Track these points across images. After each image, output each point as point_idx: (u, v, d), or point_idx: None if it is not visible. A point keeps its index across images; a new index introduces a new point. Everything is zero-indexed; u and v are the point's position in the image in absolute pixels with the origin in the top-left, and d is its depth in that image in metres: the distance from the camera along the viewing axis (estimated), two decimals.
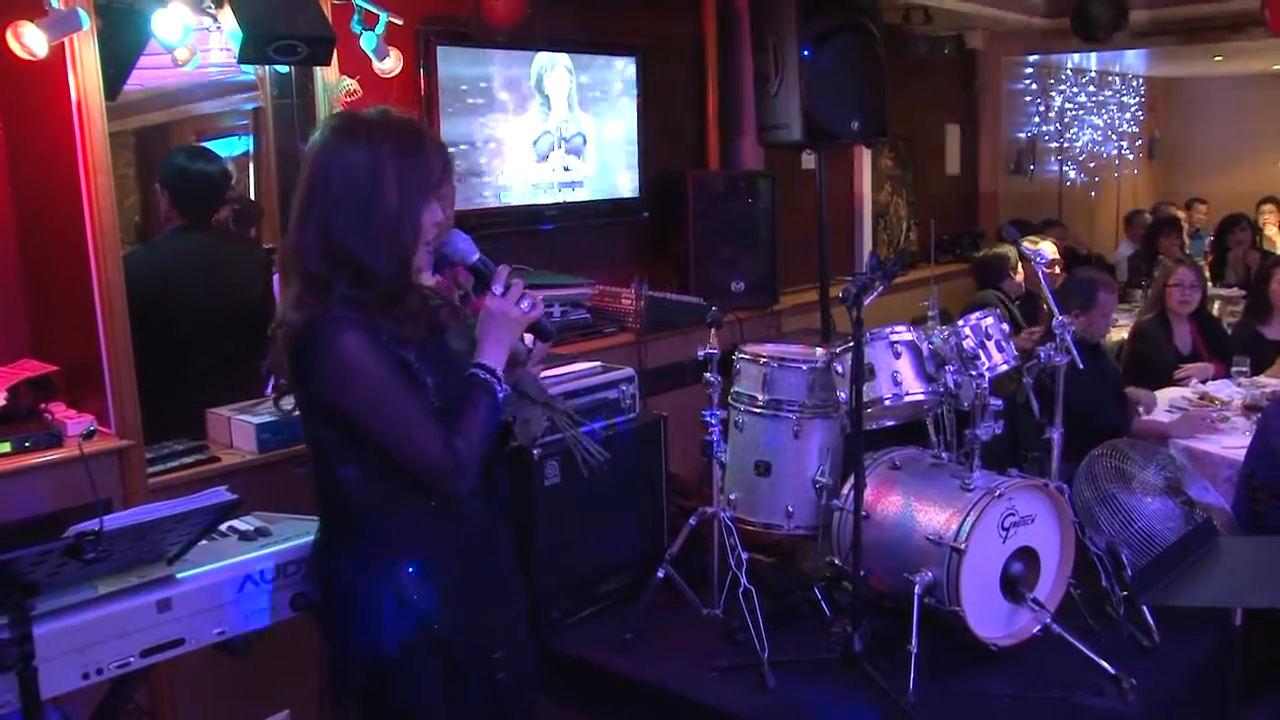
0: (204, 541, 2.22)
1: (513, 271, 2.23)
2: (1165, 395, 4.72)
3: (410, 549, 2.15)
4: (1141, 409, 4.59)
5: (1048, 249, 5.67)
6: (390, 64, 3.60)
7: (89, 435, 2.89)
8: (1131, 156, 11.19)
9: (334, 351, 2.02)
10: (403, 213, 2.08)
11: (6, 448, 2.84)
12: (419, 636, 2.14)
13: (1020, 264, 5.85)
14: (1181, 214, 9.39)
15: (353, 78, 3.54)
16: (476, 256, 2.19)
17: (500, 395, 2.12)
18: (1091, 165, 10.37)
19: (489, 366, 2.12)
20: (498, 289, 2.15)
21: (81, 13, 2.79)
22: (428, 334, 2.14)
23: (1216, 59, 8.98)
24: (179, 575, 2.17)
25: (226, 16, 3.09)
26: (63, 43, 2.82)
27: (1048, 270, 5.68)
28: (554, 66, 4.63)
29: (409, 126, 2.16)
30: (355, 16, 3.50)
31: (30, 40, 2.77)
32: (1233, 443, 4.12)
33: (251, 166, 3.91)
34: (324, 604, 2.24)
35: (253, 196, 3.96)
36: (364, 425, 2.07)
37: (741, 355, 3.79)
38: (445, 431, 2.07)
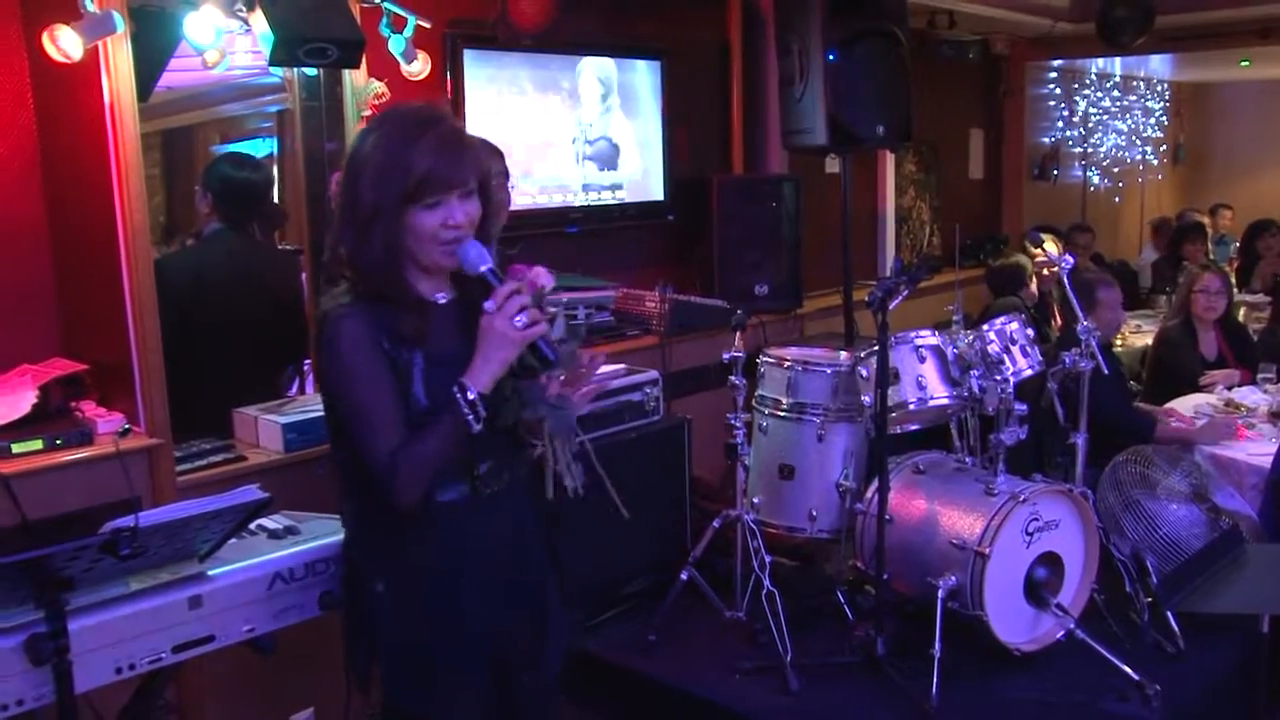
0: (234, 539, 2.24)
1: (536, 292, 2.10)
2: (1190, 401, 4.70)
3: (404, 546, 2.12)
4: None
5: (1052, 248, 5.64)
6: (418, 67, 3.62)
7: (124, 433, 2.92)
8: (1156, 162, 11.12)
9: (326, 337, 2.03)
10: (377, 208, 1.99)
11: (38, 445, 2.86)
12: (398, 636, 2.14)
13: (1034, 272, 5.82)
14: (1206, 220, 9.33)
15: (381, 80, 3.56)
16: (484, 268, 2.03)
17: (467, 416, 1.96)
18: (1116, 170, 10.32)
19: (464, 384, 1.97)
20: (489, 305, 1.99)
21: (116, 16, 2.81)
22: (424, 339, 2.06)
23: (1243, 64, 8.91)
24: (210, 573, 2.19)
25: (257, 19, 3.11)
26: (96, 45, 2.84)
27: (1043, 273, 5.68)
28: (586, 70, 4.65)
29: (411, 119, 2.05)
30: (384, 19, 3.52)
31: (66, 43, 2.80)
32: (1259, 449, 4.09)
33: (276, 169, 3.93)
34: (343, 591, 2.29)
35: (276, 199, 3.99)
36: (337, 411, 2.08)
37: (766, 359, 3.80)
38: (399, 439, 1.99)
